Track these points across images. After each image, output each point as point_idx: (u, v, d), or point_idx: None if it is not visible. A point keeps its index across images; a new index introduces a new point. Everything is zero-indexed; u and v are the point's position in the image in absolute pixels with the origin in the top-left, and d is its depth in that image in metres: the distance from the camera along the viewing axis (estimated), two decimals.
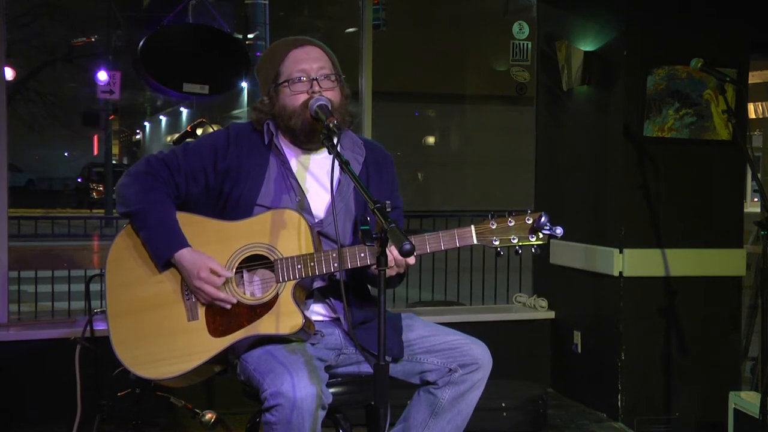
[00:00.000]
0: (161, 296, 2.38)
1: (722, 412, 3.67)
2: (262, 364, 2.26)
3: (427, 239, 2.32)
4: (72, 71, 20.89)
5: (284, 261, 2.33)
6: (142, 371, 2.36)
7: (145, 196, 2.39)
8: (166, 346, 2.35)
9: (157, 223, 2.37)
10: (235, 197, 2.44)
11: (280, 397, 2.14)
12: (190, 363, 2.33)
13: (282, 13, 15.84)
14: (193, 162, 2.46)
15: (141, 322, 2.37)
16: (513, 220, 2.32)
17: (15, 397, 4.00)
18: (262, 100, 2.52)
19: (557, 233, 2.32)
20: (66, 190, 26.72)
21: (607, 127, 4.28)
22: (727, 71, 3.69)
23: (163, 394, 3.68)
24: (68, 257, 5.07)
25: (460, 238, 2.31)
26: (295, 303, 2.32)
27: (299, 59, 2.47)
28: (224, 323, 2.33)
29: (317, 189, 2.49)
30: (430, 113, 21.22)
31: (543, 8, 4.91)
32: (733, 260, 4.25)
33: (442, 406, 2.44)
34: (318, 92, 2.42)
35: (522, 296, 5.10)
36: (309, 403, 2.14)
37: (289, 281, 2.33)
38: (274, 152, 2.49)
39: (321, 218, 2.46)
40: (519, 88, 5.05)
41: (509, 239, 2.32)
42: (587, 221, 4.42)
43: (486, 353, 2.46)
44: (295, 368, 2.19)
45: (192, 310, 2.36)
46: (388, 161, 2.63)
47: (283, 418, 2.14)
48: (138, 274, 2.40)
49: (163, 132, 31.47)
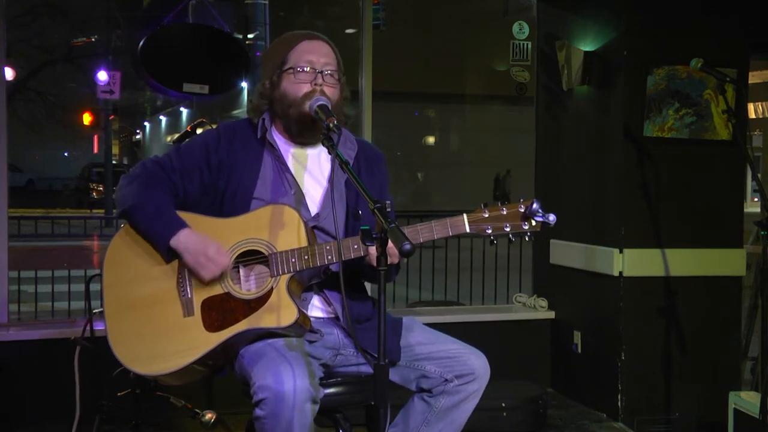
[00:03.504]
0: (157, 293, 2.39)
1: (722, 412, 3.67)
2: (256, 359, 2.27)
3: (420, 229, 2.32)
4: (72, 71, 20.90)
5: (278, 255, 2.34)
6: (140, 368, 2.36)
7: (142, 191, 2.41)
8: (163, 343, 2.35)
9: (156, 211, 2.38)
10: (231, 192, 2.46)
11: (266, 391, 2.14)
12: (186, 358, 2.33)
13: (282, 13, 15.84)
14: (186, 161, 2.48)
15: (138, 319, 2.38)
16: (506, 209, 2.31)
17: (15, 397, 4.00)
18: (264, 84, 2.53)
19: (550, 220, 2.30)
20: (66, 190, 26.73)
21: (607, 127, 4.28)
22: (727, 71, 3.69)
23: (163, 394, 3.68)
24: (68, 257, 5.08)
25: (453, 227, 2.31)
26: (289, 297, 2.32)
27: (309, 50, 2.49)
28: (219, 318, 2.34)
29: (312, 183, 2.51)
30: (430, 113, 21.23)
31: (543, 8, 4.91)
32: (733, 260, 4.25)
33: (436, 414, 2.43)
34: (321, 85, 2.44)
35: (522, 296, 5.10)
36: (298, 397, 2.13)
37: (284, 275, 2.33)
38: (268, 147, 2.51)
39: (317, 212, 2.48)
40: (519, 88, 5.05)
41: (502, 227, 2.31)
42: (587, 221, 4.42)
43: (484, 364, 2.44)
44: (283, 362, 2.19)
45: (188, 306, 2.36)
46: (380, 159, 2.65)
47: (270, 412, 2.14)
48: (134, 273, 2.41)
49: (163, 132, 31.48)
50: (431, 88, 18.31)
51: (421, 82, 17.78)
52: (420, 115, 20.89)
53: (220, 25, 5.10)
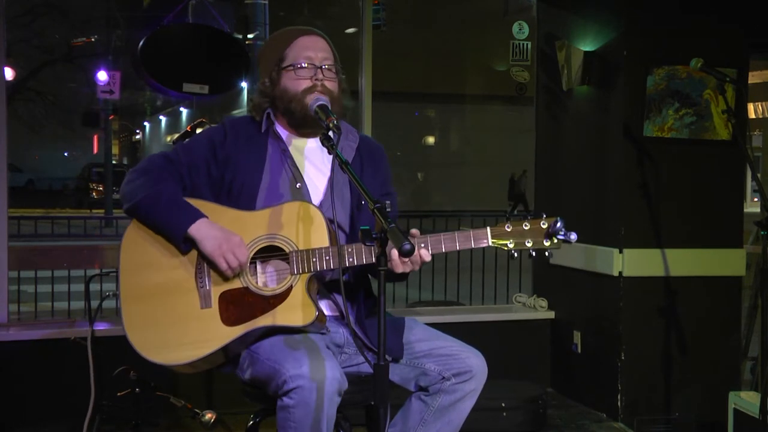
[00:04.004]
0: (175, 282, 2.38)
1: (722, 412, 3.67)
2: (277, 352, 2.27)
3: (443, 239, 2.34)
4: (72, 71, 20.90)
5: (300, 254, 2.34)
6: (152, 356, 2.35)
7: (154, 184, 2.40)
8: (177, 333, 2.34)
9: (170, 201, 2.37)
10: (238, 185, 2.47)
11: (301, 379, 2.15)
12: (201, 350, 2.33)
13: (282, 13, 15.85)
14: (193, 155, 2.49)
15: (153, 307, 2.37)
16: (528, 224, 2.33)
17: (15, 397, 4.00)
18: (264, 82, 2.55)
19: (571, 239, 2.33)
20: (66, 190, 26.74)
21: (607, 127, 4.28)
22: (727, 71, 3.69)
23: (163, 394, 3.68)
24: (68, 257, 5.06)
25: (476, 239, 2.33)
26: (309, 295, 2.34)
27: (306, 46, 2.51)
28: (237, 312, 2.34)
29: (316, 174, 2.53)
30: (430, 113, 21.24)
31: (543, 8, 4.91)
32: (733, 260, 4.25)
33: (433, 413, 2.44)
34: (321, 80, 2.47)
35: (522, 296, 5.10)
36: (330, 386, 2.16)
37: (304, 274, 2.34)
38: (273, 141, 2.52)
39: (319, 201, 2.49)
40: (519, 88, 5.05)
41: (524, 243, 2.33)
42: (587, 221, 4.41)
43: (482, 364, 2.45)
44: (317, 352, 2.21)
45: (206, 297, 2.36)
46: (380, 151, 2.67)
47: (303, 400, 2.15)
48: (152, 259, 2.40)
49: (163, 132, 31.49)
50: (431, 88, 18.33)
51: (421, 82, 17.80)
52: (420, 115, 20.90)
53: (220, 25, 5.10)
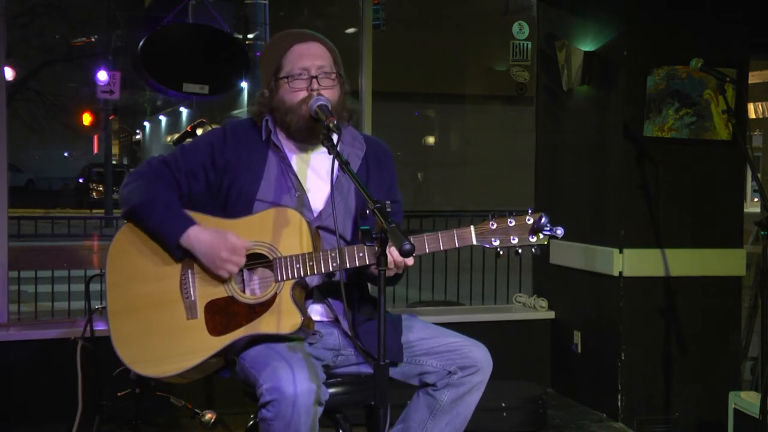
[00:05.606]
0: (161, 294, 2.38)
1: (722, 412, 3.67)
2: (259, 361, 2.26)
3: (426, 240, 2.32)
4: (72, 71, 20.88)
5: (283, 260, 2.33)
6: (141, 369, 2.36)
7: (149, 189, 2.40)
8: (165, 345, 2.35)
9: (164, 208, 2.37)
10: (236, 192, 2.45)
11: (277, 392, 2.14)
12: (189, 362, 2.33)
13: (282, 13, 15.85)
14: (191, 160, 2.47)
15: (141, 320, 2.37)
16: (513, 221, 2.32)
17: (15, 397, 4.00)
18: (263, 93, 2.53)
19: (558, 234, 2.32)
20: (66, 190, 26.72)
21: (607, 127, 4.28)
22: (727, 71, 3.69)
23: (163, 394, 3.68)
24: (68, 257, 5.07)
25: (460, 238, 2.31)
26: (293, 302, 2.32)
27: (301, 55, 2.47)
28: (223, 322, 2.34)
29: (317, 185, 2.50)
30: (430, 113, 21.21)
31: (543, 8, 4.91)
32: (733, 260, 4.25)
33: (441, 407, 2.44)
34: (317, 90, 2.43)
35: (522, 296, 5.10)
36: (306, 399, 2.14)
37: (288, 280, 2.33)
38: (273, 148, 2.50)
39: (319, 211, 2.47)
40: (519, 88, 5.05)
41: (509, 239, 2.31)
42: (587, 221, 4.42)
43: (486, 356, 2.45)
44: (293, 364, 2.19)
45: (191, 308, 2.36)
46: (387, 156, 2.63)
47: (280, 414, 2.14)
48: (138, 272, 2.40)
49: (163, 132, 31.47)
50: (431, 88, 18.29)
51: (421, 82, 17.77)
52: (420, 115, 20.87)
53: (219, 25, 5.10)
